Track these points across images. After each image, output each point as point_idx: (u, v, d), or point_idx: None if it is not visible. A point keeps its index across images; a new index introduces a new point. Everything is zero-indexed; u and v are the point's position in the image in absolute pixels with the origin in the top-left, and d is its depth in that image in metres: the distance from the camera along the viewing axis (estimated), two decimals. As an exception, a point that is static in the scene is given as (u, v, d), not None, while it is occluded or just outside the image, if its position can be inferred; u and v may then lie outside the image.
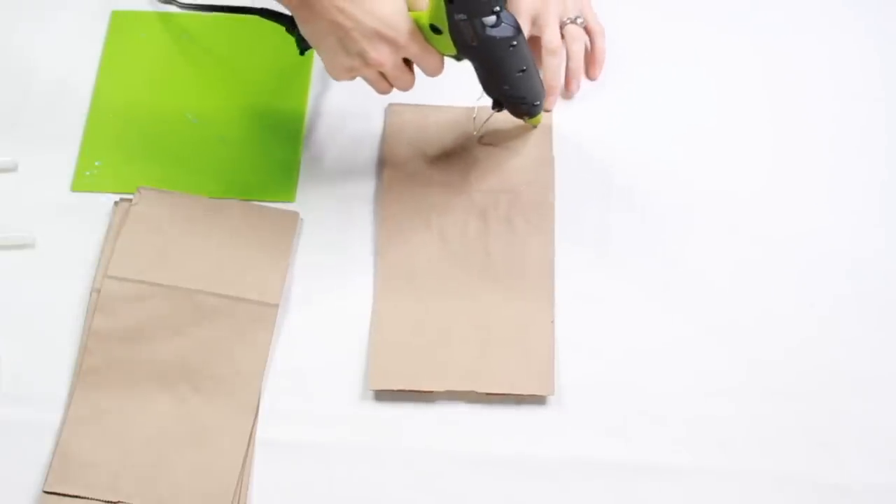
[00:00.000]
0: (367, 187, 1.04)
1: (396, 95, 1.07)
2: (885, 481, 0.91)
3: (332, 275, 1.00)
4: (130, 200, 1.02)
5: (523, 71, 0.95)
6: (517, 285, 0.98)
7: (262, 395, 0.95)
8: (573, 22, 1.06)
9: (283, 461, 0.93)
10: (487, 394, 0.94)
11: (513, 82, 0.97)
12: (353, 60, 0.92)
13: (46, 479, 0.91)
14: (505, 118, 1.04)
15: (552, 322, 0.97)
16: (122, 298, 0.97)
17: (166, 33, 1.10)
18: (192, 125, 1.07)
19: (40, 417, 0.94)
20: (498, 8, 0.88)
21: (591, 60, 1.08)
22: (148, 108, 1.08)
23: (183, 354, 0.95)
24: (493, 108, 1.00)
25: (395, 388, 0.94)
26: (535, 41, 1.05)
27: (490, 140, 1.05)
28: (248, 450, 0.92)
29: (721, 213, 1.02)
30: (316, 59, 1.10)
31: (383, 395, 0.95)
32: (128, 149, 1.06)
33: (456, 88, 1.08)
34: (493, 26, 0.90)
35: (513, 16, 0.91)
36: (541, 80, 0.99)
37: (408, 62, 0.95)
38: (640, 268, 1.00)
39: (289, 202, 1.03)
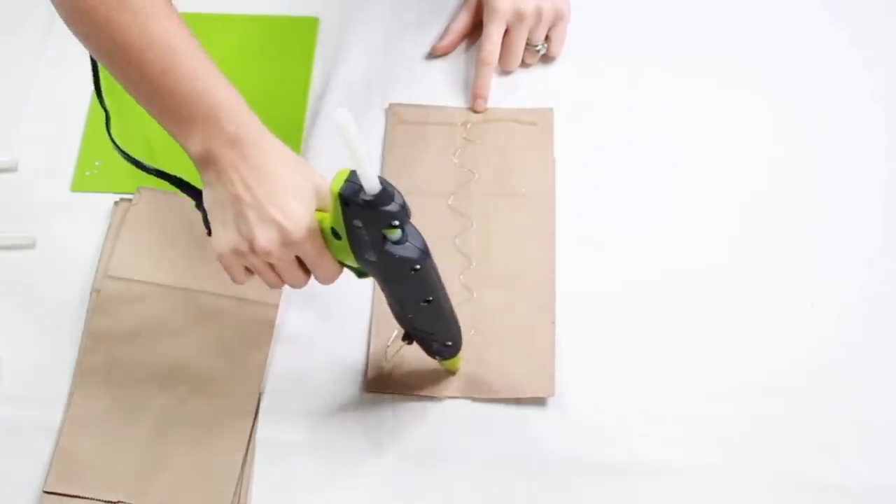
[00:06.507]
0: (367, 187, 1.04)
1: (397, 96, 1.08)
2: (885, 481, 0.91)
3: (332, 275, 1.00)
4: (130, 200, 1.02)
5: (428, 301, 0.84)
6: (518, 286, 0.98)
7: (262, 395, 0.95)
8: (534, 46, 1.08)
9: (283, 461, 0.93)
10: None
11: (416, 312, 0.86)
12: (241, 242, 0.82)
13: (46, 479, 0.91)
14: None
15: (553, 323, 0.97)
16: (122, 298, 0.97)
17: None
18: (192, 125, 1.07)
19: (40, 417, 0.94)
20: (398, 222, 0.77)
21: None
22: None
23: (183, 354, 0.95)
24: (403, 339, 0.90)
25: (393, 392, 0.94)
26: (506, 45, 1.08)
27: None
28: (248, 450, 0.93)
29: (721, 214, 1.02)
30: (316, 60, 1.10)
31: (383, 395, 0.95)
32: (128, 149, 1.06)
33: (456, 89, 1.08)
34: (395, 242, 0.79)
35: (421, 236, 0.80)
36: (456, 320, 0.88)
37: (303, 263, 0.85)
38: (640, 268, 1.00)
39: (289, 202, 1.03)
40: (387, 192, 0.76)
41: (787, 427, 0.93)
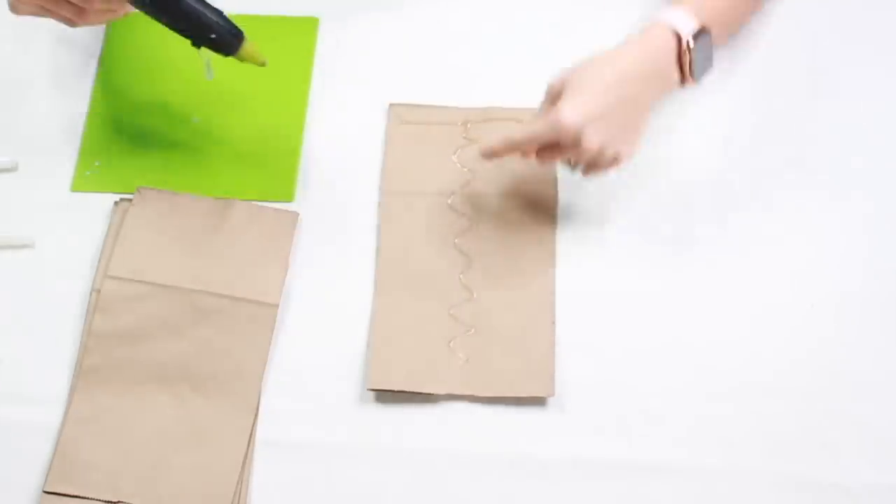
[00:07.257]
0: (367, 187, 1.04)
1: (397, 96, 1.08)
2: (885, 481, 0.91)
3: (331, 275, 1.00)
4: (130, 200, 1.02)
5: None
6: (518, 285, 0.98)
7: (262, 395, 0.95)
8: (575, 167, 0.97)
9: (283, 461, 0.93)
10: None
11: (157, 11, 0.91)
12: None
13: (46, 479, 0.91)
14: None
15: (553, 323, 0.97)
16: (122, 298, 0.97)
17: (166, 32, 1.10)
18: (192, 125, 1.07)
19: (40, 417, 0.94)
20: None
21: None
22: (148, 107, 1.08)
23: (183, 354, 0.95)
24: (193, 45, 0.95)
25: (393, 388, 0.94)
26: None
27: None
28: (248, 450, 0.93)
29: (721, 214, 1.02)
30: (316, 60, 1.10)
31: (383, 396, 0.95)
32: (128, 149, 1.06)
33: (456, 89, 1.08)
34: None
35: None
36: (202, 8, 0.93)
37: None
38: (641, 268, 1.00)
39: (288, 202, 1.03)
40: None
41: (787, 427, 0.93)
